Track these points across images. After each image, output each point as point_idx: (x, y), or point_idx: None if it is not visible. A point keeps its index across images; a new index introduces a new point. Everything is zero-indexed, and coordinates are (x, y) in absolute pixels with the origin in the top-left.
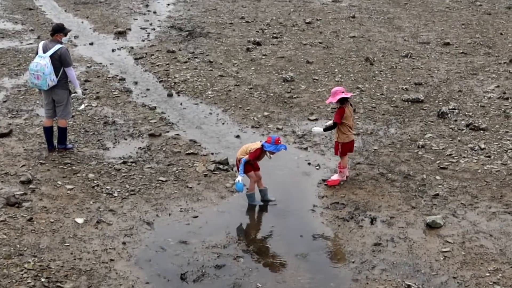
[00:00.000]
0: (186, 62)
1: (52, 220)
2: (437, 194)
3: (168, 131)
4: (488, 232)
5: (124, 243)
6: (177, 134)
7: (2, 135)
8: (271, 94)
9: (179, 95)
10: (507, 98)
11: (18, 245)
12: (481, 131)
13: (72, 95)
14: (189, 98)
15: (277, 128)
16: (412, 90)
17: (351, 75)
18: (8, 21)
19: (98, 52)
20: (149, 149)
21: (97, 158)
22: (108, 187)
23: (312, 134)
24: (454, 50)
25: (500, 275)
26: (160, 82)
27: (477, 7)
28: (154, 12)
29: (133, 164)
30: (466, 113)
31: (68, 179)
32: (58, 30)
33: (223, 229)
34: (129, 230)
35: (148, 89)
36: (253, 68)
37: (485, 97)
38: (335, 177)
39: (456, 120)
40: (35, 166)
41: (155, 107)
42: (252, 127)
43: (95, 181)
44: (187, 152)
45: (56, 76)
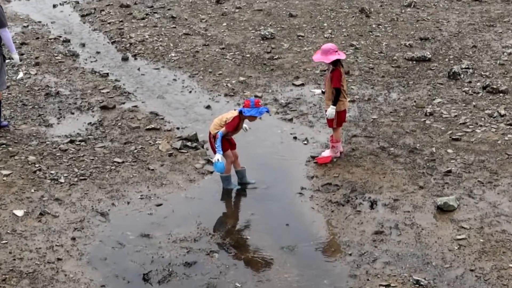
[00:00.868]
0: (143, 19)
1: None
2: (449, 171)
3: (123, 103)
4: (511, 214)
5: (73, 238)
6: (135, 106)
7: None
8: (248, 55)
9: (136, 59)
10: None
11: None
12: (501, 94)
13: (7, 61)
14: (148, 62)
15: (256, 96)
16: (417, 47)
17: (343, 30)
18: None
19: (36, 8)
20: (101, 124)
21: (38, 137)
22: (52, 172)
23: (313, 94)
24: None
25: None
26: (112, 43)
27: None
28: None
29: (83, 143)
30: (482, 73)
31: (3, 163)
32: None
33: (193, 219)
34: (79, 222)
35: (98, 52)
36: (225, 24)
37: (505, 53)
38: (326, 153)
39: (470, 82)
40: None
41: (107, 73)
42: (226, 95)
43: (37, 165)
44: (147, 127)
45: None
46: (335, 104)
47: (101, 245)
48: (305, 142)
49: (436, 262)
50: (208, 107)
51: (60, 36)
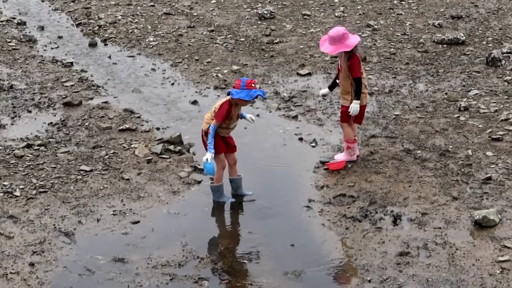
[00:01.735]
0: None
1: None
2: (489, 178)
3: (91, 98)
4: None
5: (32, 264)
6: (106, 102)
7: None
8: (242, 39)
9: (106, 45)
10: None
11: None
12: None
13: None
14: (121, 49)
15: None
16: (448, 27)
17: (358, 7)
18: None
19: None
20: (64, 125)
21: None
22: (5, 183)
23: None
24: None
25: None
26: (77, 25)
27: None
28: None
29: (42, 148)
30: None
31: None
32: None
33: (178, 239)
34: (39, 245)
35: (60, 37)
36: (214, 1)
37: None
38: (340, 156)
39: None
40: None
41: (72, 62)
42: (216, 87)
43: None
44: (121, 127)
45: None
46: (359, 97)
47: (65, 272)
48: (313, 144)
49: None
50: (195, 102)
51: (14, 18)
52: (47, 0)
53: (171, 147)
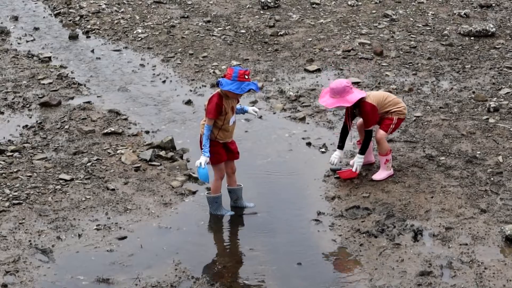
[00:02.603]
0: None
1: None
2: None
3: (72, 97)
4: None
5: (4, 285)
6: (88, 102)
7: None
8: (242, 31)
9: (89, 37)
10: None
11: None
12: None
13: None
14: (105, 42)
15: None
16: (475, 17)
17: None
18: None
19: None
20: (41, 128)
21: None
22: None
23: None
24: None
25: None
26: (56, 16)
27: None
28: None
29: (16, 153)
30: None
31: None
32: None
33: (170, 257)
34: (12, 263)
35: (36, 29)
36: None
37: None
38: (380, 175)
39: None
40: None
41: (50, 57)
42: (213, 85)
43: None
44: (105, 131)
45: None
46: (364, 152)
47: None
48: (323, 149)
49: None
50: (189, 102)
51: None
52: None
53: (162, 153)
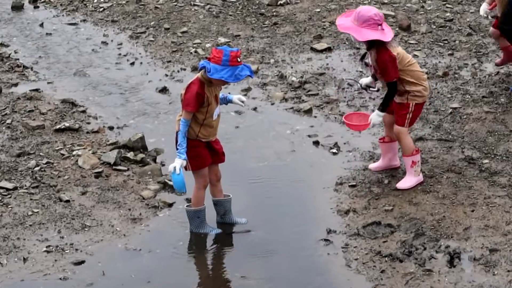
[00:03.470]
0: None
1: None
2: None
3: (15, 84)
4: None
5: None
6: (36, 90)
7: None
8: (233, 0)
9: (37, 7)
10: None
11: None
12: None
13: None
14: (58, 13)
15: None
16: None
17: None
18: None
19: None
20: None
21: None
22: None
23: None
24: None
25: None
26: None
27: None
28: None
29: None
30: None
31: None
32: None
33: (139, 286)
34: None
35: None
36: None
37: None
38: (406, 183)
39: None
40: None
41: None
42: (195, 69)
43: None
44: (58, 126)
45: None
46: (385, 108)
47: None
48: (335, 150)
49: None
50: (164, 90)
51: None
52: None
53: (130, 154)
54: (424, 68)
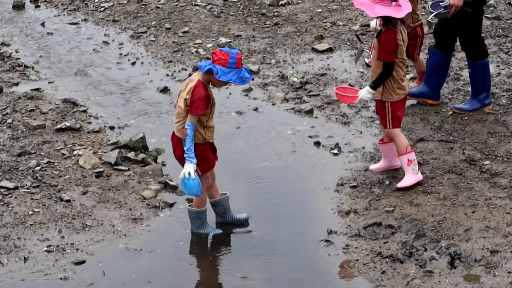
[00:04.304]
0: None
1: None
2: None
3: (16, 83)
4: None
5: None
6: (37, 89)
7: None
8: (234, 0)
9: (38, 6)
10: None
11: None
12: None
13: None
14: (59, 12)
15: (249, 70)
16: None
17: None
18: None
19: None
20: None
21: None
22: None
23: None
24: None
25: None
26: None
27: None
28: None
29: None
30: None
31: None
32: None
33: (140, 286)
34: None
35: None
36: None
37: None
38: (405, 182)
39: None
40: None
41: None
42: (196, 69)
43: None
44: (59, 126)
45: None
46: (377, 86)
47: None
48: (335, 151)
49: None
50: (165, 90)
51: None
52: None
53: (131, 154)
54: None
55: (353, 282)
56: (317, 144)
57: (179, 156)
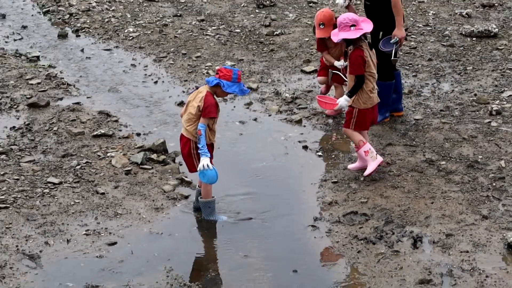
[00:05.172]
0: None
1: None
2: None
3: (61, 98)
4: None
5: None
6: (77, 103)
7: None
8: (237, 30)
9: (78, 36)
10: None
11: None
12: None
13: None
14: (96, 40)
15: (250, 88)
16: (477, 17)
17: None
18: None
19: None
20: (29, 129)
21: None
22: None
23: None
24: None
25: None
26: (45, 14)
27: None
28: None
29: (3, 156)
30: None
31: None
32: None
33: (161, 263)
34: None
35: (24, 27)
36: None
37: None
38: (370, 168)
39: None
40: None
41: (38, 57)
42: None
43: None
44: (95, 133)
45: None
46: (352, 94)
47: None
48: (320, 153)
49: None
50: (182, 103)
51: None
52: None
53: (154, 156)
54: None
55: (334, 259)
56: (305, 148)
57: (186, 153)
